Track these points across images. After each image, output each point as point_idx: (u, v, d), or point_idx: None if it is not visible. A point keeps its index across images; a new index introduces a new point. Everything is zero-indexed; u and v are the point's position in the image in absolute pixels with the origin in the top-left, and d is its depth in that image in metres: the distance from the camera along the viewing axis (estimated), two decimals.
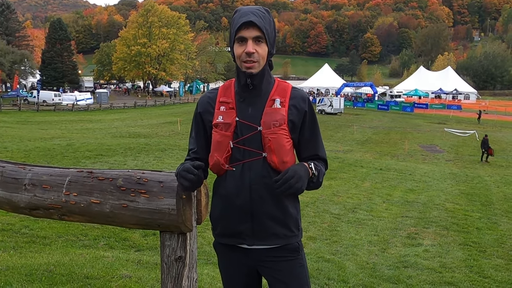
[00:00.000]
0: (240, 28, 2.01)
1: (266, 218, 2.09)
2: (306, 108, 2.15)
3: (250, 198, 2.08)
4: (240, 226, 2.12)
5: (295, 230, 2.16)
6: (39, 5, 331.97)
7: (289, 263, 2.16)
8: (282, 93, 2.13)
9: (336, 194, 12.01)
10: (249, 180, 2.07)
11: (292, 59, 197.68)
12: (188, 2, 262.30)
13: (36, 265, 4.62)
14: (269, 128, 2.05)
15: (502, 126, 46.19)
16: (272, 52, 2.11)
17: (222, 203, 2.15)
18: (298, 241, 2.19)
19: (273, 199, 2.08)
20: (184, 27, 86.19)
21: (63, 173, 2.40)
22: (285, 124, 2.08)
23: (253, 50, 2.02)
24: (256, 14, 2.03)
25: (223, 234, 2.20)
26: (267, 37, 2.04)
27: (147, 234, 7.00)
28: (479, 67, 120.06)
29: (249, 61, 2.03)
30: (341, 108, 53.78)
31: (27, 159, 14.18)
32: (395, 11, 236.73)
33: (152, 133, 31.34)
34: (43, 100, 55.76)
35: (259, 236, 2.11)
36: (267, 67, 2.12)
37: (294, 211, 2.15)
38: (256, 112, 2.09)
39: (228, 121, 2.10)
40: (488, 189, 14.50)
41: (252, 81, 2.07)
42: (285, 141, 2.08)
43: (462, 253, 7.31)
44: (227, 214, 2.14)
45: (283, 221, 2.11)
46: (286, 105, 2.10)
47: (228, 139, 2.08)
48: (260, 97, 2.11)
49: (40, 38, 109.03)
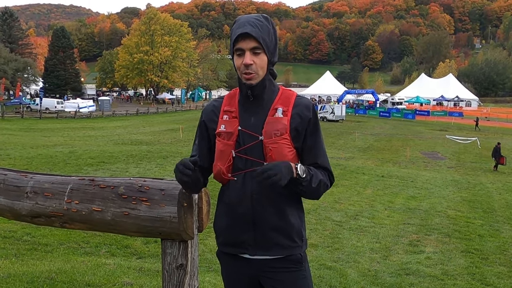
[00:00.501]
0: (237, 39, 2.00)
1: (268, 228, 2.07)
2: (311, 115, 2.12)
3: (252, 207, 2.07)
4: (243, 235, 2.11)
5: (298, 241, 2.13)
6: (42, 13, 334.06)
7: (292, 275, 2.14)
8: (285, 102, 2.11)
9: (338, 201, 12.00)
10: (250, 189, 2.06)
11: (293, 67, 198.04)
12: (190, 10, 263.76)
13: (37, 273, 4.62)
14: (270, 137, 2.04)
15: (504, 133, 46.14)
16: (272, 61, 2.10)
17: (225, 212, 2.15)
18: (302, 253, 2.16)
19: (275, 209, 2.07)
20: (187, 35, 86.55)
21: (65, 181, 2.41)
22: (287, 133, 2.05)
23: (251, 61, 2.01)
24: (253, 24, 2.00)
25: (225, 243, 2.19)
26: (265, 47, 2.02)
27: (149, 242, 7.00)
28: (480, 74, 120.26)
29: (248, 73, 2.02)
30: (342, 115, 53.85)
31: (30, 167, 14.21)
32: (396, 19, 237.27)
33: (154, 140, 31.38)
34: (46, 107, 55.97)
35: (261, 246, 2.10)
36: (268, 76, 2.10)
37: (297, 221, 2.13)
38: (258, 121, 2.08)
39: (230, 130, 2.10)
40: (490, 196, 14.47)
41: (252, 92, 2.07)
42: (286, 150, 2.06)
43: (464, 261, 7.29)
44: (230, 223, 2.13)
45: (286, 232, 2.09)
46: (289, 113, 2.08)
47: (230, 148, 2.08)
48: (263, 107, 2.10)
49: (43, 46, 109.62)
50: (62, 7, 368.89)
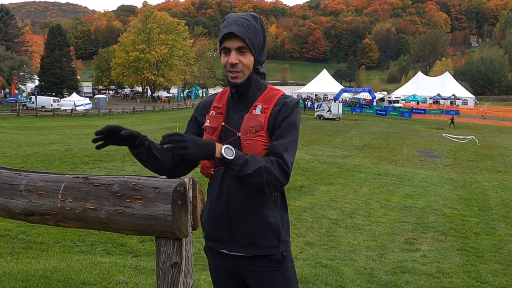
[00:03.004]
0: (224, 38, 2.02)
1: (243, 226, 2.09)
2: (287, 113, 2.06)
3: (228, 204, 2.09)
4: (220, 231, 2.15)
5: (275, 241, 2.11)
6: (38, 11, 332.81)
7: (272, 274, 2.14)
8: (267, 101, 2.10)
9: (334, 200, 12.01)
10: (227, 186, 2.09)
11: (290, 65, 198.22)
12: (187, 8, 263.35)
13: (32, 271, 4.61)
14: (246, 134, 2.05)
15: (500, 131, 46.27)
16: (259, 60, 2.10)
17: (208, 207, 2.18)
18: (283, 252, 2.14)
19: (250, 207, 2.07)
20: (183, 34, 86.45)
21: (59, 179, 2.40)
22: (264, 130, 2.04)
23: (236, 61, 2.02)
24: (239, 23, 2.00)
25: (207, 237, 2.25)
26: (251, 47, 2.02)
27: (145, 240, 6.99)
28: (476, 72, 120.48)
29: (233, 71, 2.04)
30: (339, 114, 53.86)
31: (25, 165, 14.18)
32: (393, 17, 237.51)
33: (151, 138, 31.11)
34: (42, 105, 55.79)
35: (236, 243, 2.12)
36: (254, 75, 2.10)
37: (275, 221, 2.10)
38: (240, 118, 2.10)
39: (214, 125, 2.14)
40: (486, 194, 14.50)
41: (236, 91, 2.09)
42: (261, 147, 2.03)
43: (459, 259, 7.30)
44: (210, 218, 2.17)
45: (260, 232, 2.09)
46: (268, 111, 2.07)
47: None
48: (247, 104, 2.12)
49: (39, 44, 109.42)
50: (58, 5, 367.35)
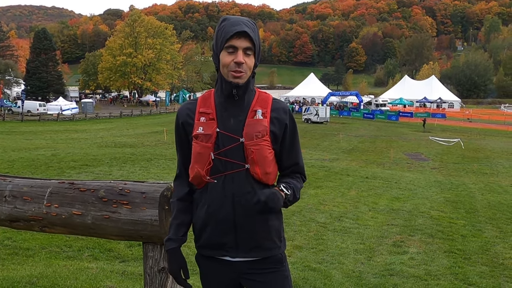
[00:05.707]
0: (232, 37, 2.00)
1: (250, 230, 2.07)
2: (287, 120, 2.15)
3: (233, 210, 2.06)
4: (224, 238, 2.10)
5: (278, 242, 2.15)
6: (23, 15, 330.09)
7: (273, 275, 2.14)
8: (263, 104, 2.12)
9: (322, 203, 12.02)
10: (231, 192, 2.06)
11: (278, 69, 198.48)
12: (174, 12, 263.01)
13: (18, 278, 4.55)
14: (252, 139, 2.04)
15: (486, 134, 46.76)
16: (257, 64, 2.12)
17: (205, 215, 2.12)
18: (282, 252, 2.18)
19: (258, 211, 2.06)
20: (171, 38, 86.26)
21: (44, 185, 2.37)
22: (267, 135, 2.07)
23: (243, 60, 2.02)
24: (248, 25, 2.03)
25: (205, 246, 2.18)
26: (256, 49, 2.05)
27: (132, 245, 6.93)
28: (462, 76, 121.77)
29: (238, 71, 2.02)
30: (327, 117, 54.11)
31: (11, 170, 14.00)
32: (379, 21, 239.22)
33: (138, 142, 31.16)
34: (28, 110, 55.25)
35: (242, 249, 2.10)
36: (251, 79, 2.11)
37: (276, 223, 2.15)
38: (238, 123, 2.07)
39: (208, 132, 2.07)
40: (473, 196, 14.61)
41: (237, 92, 2.06)
42: (267, 152, 2.07)
43: (447, 261, 7.34)
44: (210, 226, 2.11)
45: (267, 233, 2.10)
46: (268, 116, 2.10)
47: (209, 150, 2.06)
48: (243, 108, 2.10)
49: (25, 48, 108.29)
50: (44, 9, 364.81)
